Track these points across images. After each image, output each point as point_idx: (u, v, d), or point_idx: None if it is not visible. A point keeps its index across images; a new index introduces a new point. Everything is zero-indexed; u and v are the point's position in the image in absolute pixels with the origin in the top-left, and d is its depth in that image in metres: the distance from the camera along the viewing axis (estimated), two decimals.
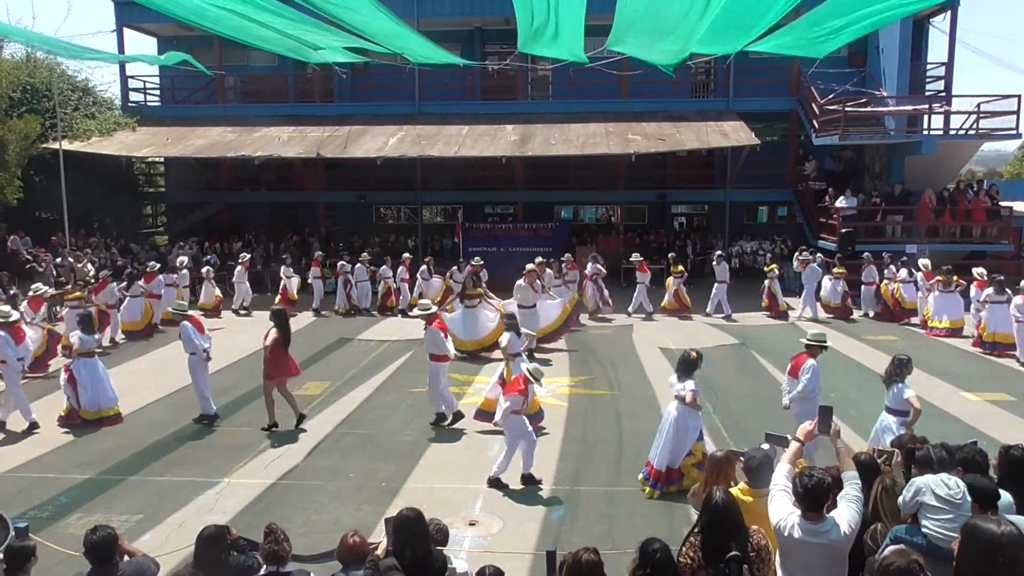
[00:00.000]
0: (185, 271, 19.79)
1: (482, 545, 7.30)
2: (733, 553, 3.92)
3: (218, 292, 20.10)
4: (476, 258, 18.27)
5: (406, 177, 26.21)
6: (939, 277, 17.14)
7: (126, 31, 27.07)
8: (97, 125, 24.68)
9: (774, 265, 20.19)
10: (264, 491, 8.64)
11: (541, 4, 8.77)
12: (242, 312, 20.00)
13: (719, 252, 20.58)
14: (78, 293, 16.18)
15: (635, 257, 20.18)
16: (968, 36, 78.91)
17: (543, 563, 4.73)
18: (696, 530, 4.15)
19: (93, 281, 17.38)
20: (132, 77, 28.00)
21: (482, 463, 9.52)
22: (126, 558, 4.63)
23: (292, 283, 20.22)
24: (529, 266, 15.70)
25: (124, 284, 17.50)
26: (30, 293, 15.13)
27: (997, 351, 15.03)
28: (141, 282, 17.51)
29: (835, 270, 19.42)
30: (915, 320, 18.17)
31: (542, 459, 9.60)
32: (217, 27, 10.53)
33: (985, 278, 16.33)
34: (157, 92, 29.13)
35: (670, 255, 20.84)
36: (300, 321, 19.20)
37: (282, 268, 20.52)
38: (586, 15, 9.25)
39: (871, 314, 19.12)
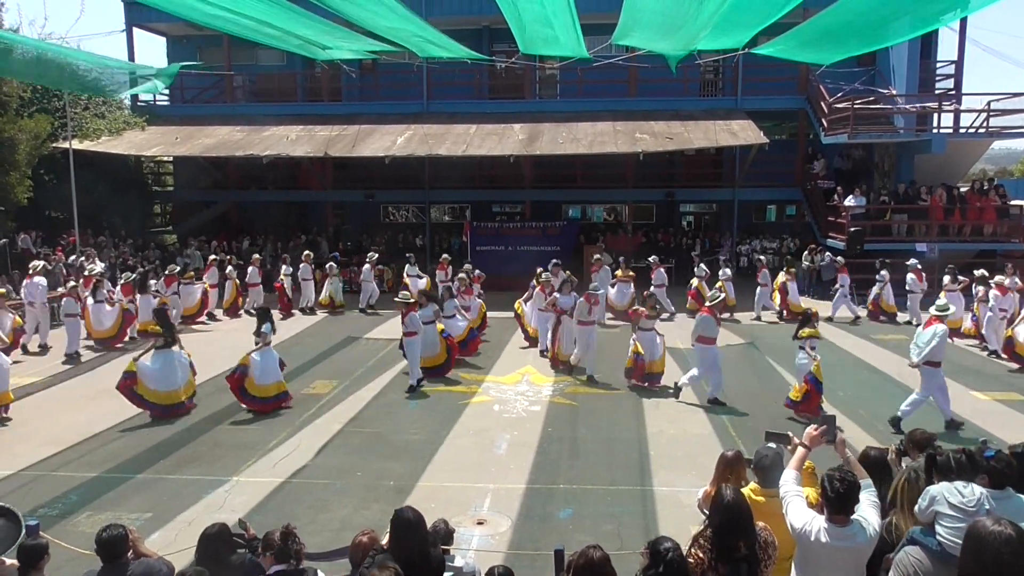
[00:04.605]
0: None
1: (490, 544, 7.30)
2: (744, 553, 3.91)
3: (330, 290, 20.15)
4: (466, 267, 17.90)
5: (414, 176, 26.24)
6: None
7: (136, 31, 27.19)
8: (107, 124, 24.76)
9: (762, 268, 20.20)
10: (273, 490, 8.67)
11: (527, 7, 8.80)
12: (369, 311, 19.96)
13: (723, 257, 20.68)
14: (190, 273, 19.01)
15: (652, 259, 20.24)
16: (978, 34, 78.48)
17: (551, 562, 4.73)
18: (706, 530, 4.14)
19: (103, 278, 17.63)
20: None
21: (489, 462, 9.55)
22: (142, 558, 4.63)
23: (420, 283, 19.81)
24: (546, 275, 15.95)
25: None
26: (166, 271, 18.57)
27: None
28: (117, 290, 17.69)
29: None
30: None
31: (551, 458, 9.63)
32: (226, 25, 10.58)
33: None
34: (166, 92, 29.19)
35: (693, 254, 21.12)
36: (306, 320, 19.31)
37: (406, 267, 20.76)
38: (591, 13, 9.27)
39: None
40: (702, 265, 19.96)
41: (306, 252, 21.45)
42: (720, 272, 19.43)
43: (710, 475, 5.35)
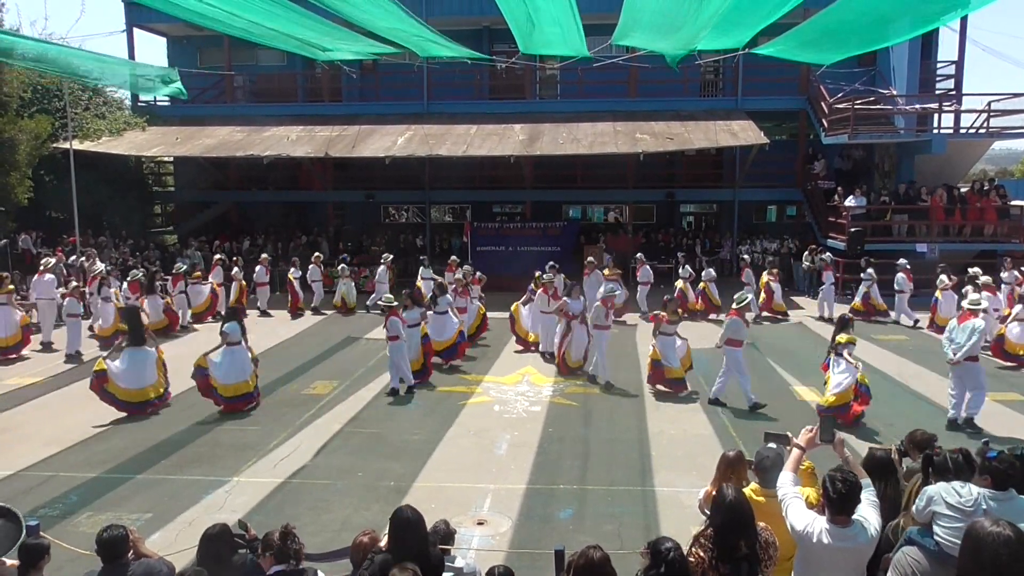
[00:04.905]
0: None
1: (491, 544, 7.30)
2: (745, 552, 3.91)
3: (343, 291, 20.17)
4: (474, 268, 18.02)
5: (414, 176, 26.26)
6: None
7: (136, 31, 27.19)
8: (107, 125, 24.78)
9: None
10: (273, 490, 8.67)
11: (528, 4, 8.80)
12: (375, 311, 19.72)
13: (706, 258, 20.87)
14: (198, 273, 19.30)
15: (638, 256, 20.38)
16: (978, 34, 78.53)
17: (551, 562, 4.73)
18: (708, 529, 4.14)
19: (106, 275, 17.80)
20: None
21: (490, 462, 9.55)
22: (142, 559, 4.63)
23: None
24: (546, 276, 15.91)
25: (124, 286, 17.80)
26: (172, 271, 18.87)
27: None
28: (124, 287, 17.88)
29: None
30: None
31: (552, 458, 9.63)
32: (226, 27, 10.58)
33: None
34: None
35: (680, 255, 21.08)
36: (307, 321, 19.32)
37: (420, 270, 20.63)
38: (591, 13, 9.26)
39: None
40: (687, 267, 20.01)
41: (316, 254, 21.51)
42: (703, 273, 19.44)
43: (711, 475, 5.35)
